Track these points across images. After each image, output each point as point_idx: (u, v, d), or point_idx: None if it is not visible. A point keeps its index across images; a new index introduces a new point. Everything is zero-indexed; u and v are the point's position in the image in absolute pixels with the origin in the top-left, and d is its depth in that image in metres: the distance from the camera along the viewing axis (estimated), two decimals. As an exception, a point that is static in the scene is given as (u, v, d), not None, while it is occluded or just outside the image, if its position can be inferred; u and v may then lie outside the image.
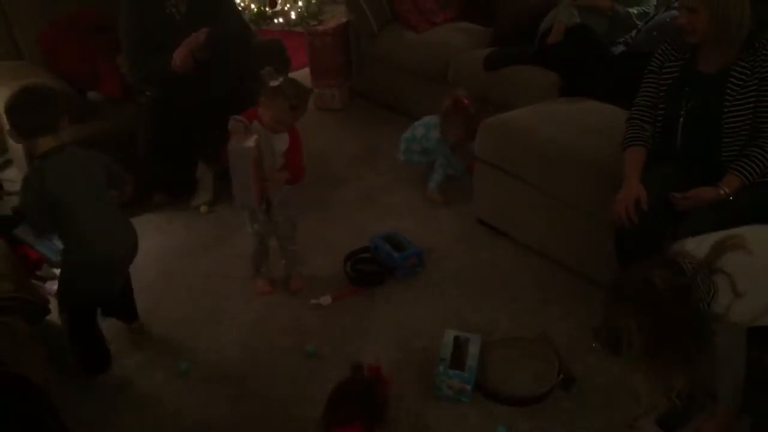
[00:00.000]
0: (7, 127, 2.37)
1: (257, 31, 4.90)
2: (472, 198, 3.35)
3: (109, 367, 2.55)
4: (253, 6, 5.49)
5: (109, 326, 2.67)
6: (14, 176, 3.81)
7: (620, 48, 3.58)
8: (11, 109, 2.31)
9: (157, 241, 3.28)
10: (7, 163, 3.99)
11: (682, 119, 2.43)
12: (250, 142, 2.54)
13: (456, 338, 2.48)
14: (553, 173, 2.88)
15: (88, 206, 2.35)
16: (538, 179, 2.95)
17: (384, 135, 4.31)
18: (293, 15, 5.56)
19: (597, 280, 2.82)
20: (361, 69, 4.76)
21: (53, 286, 2.97)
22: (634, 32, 3.59)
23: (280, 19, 5.54)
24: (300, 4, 5.50)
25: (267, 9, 5.43)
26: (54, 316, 2.53)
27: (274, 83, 2.61)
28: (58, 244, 3.16)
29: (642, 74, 3.11)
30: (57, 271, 3.09)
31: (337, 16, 4.96)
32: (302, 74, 4.73)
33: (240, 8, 4.39)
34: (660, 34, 3.35)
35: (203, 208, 3.58)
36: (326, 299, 2.86)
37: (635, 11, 3.74)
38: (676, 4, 3.35)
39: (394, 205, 3.56)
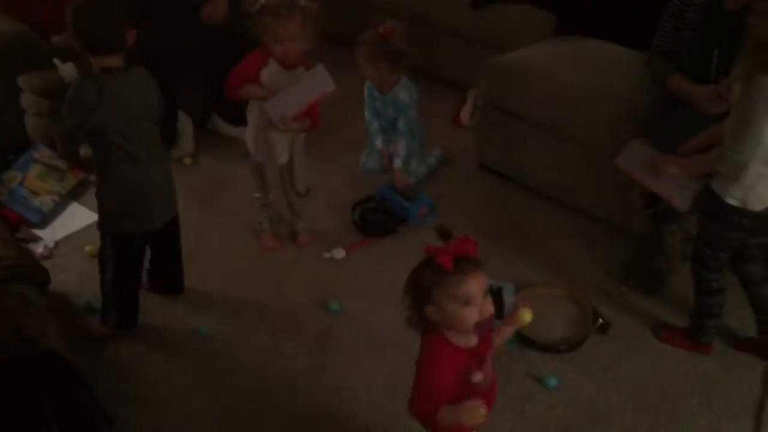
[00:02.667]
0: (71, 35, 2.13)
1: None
2: (476, 142, 3.26)
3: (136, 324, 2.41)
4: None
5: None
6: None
7: None
8: (84, 18, 2.07)
9: (143, 196, 3.07)
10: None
11: (715, 59, 2.39)
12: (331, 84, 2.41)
13: (489, 286, 2.41)
14: (566, 113, 2.83)
15: (140, 133, 2.18)
16: (550, 120, 2.89)
17: (361, 78, 4.15)
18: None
19: (613, 223, 2.82)
20: (333, 10, 4.52)
21: (38, 248, 2.77)
22: None
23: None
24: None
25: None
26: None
27: (256, 7, 2.41)
28: (35, 203, 2.97)
29: (640, 10, 3.11)
30: (38, 233, 2.89)
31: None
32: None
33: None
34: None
35: (187, 160, 3.37)
36: (339, 252, 2.76)
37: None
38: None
39: (388, 152, 3.43)
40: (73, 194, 3.09)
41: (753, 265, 2.26)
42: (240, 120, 2.79)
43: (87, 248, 2.76)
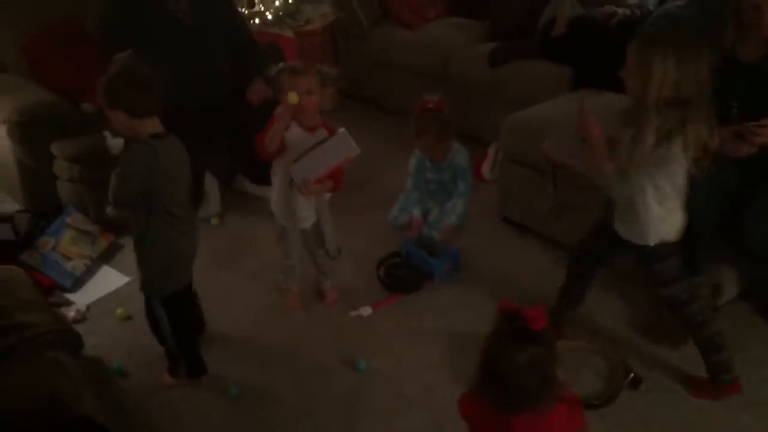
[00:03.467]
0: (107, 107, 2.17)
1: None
2: (497, 196, 3.29)
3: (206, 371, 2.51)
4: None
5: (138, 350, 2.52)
6: (2, 196, 3.59)
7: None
8: (125, 85, 2.14)
9: (171, 257, 3.12)
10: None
11: (734, 110, 2.41)
12: (356, 149, 2.46)
13: (516, 342, 2.42)
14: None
15: (181, 197, 2.27)
16: (570, 174, 2.91)
17: (381, 136, 4.23)
18: (269, 15, 5.40)
19: (636, 276, 2.81)
20: (350, 69, 4.65)
21: (70, 312, 2.81)
22: (637, 11, 3.58)
23: (257, 20, 5.37)
24: (277, 3, 5.34)
25: (244, 10, 5.26)
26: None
27: (273, 72, 2.50)
28: (67, 267, 3.03)
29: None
30: (70, 297, 2.95)
31: (322, 16, 4.84)
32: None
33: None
34: (669, 24, 3.36)
35: (214, 221, 3.43)
36: (366, 310, 2.78)
37: (632, 0, 3.75)
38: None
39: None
40: (104, 257, 3.16)
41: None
42: (265, 179, 2.84)
43: (118, 311, 2.81)
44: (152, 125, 2.20)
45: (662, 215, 2.13)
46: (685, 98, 1.97)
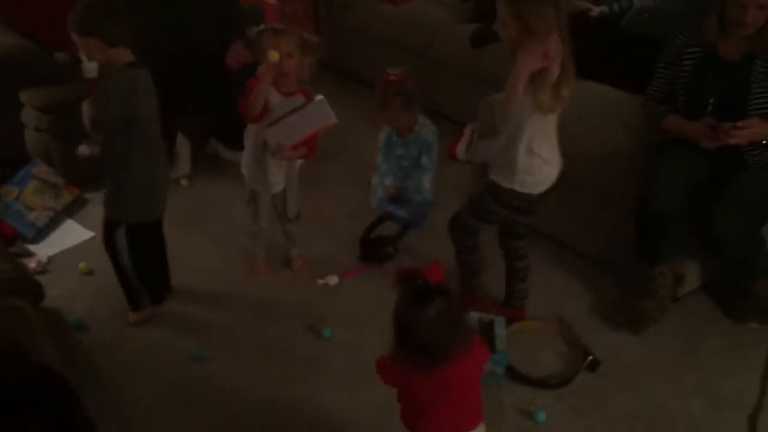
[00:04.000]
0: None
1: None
2: (469, 177, 3.30)
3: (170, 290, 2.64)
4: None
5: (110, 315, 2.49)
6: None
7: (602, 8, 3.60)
8: (102, 13, 2.18)
9: (138, 215, 3.08)
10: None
11: (710, 107, 2.44)
12: (332, 117, 2.47)
13: (480, 320, 2.44)
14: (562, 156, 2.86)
15: (154, 126, 2.34)
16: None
17: (358, 109, 4.18)
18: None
19: (603, 262, 2.86)
20: (331, 40, 4.60)
21: (31, 264, 2.76)
22: (616, 6, 3.60)
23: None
24: (260, -33, 5.29)
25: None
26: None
27: (253, 33, 2.48)
28: (30, 218, 2.97)
29: (636, 55, 3.19)
30: (32, 248, 2.89)
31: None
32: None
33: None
34: (651, 16, 3.38)
35: (184, 182, 3.40)
36: (333, 279, 2.77)
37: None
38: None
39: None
40: (68, 211, 3.11)
41: (519, 241, 2.53)
42: (239, 144, 2.81)
43: (81, 265, 2.77)
44: (126, 55, 2.22)
45: (528, 164, 2.23)
46: None
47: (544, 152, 2.25)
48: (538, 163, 2.25)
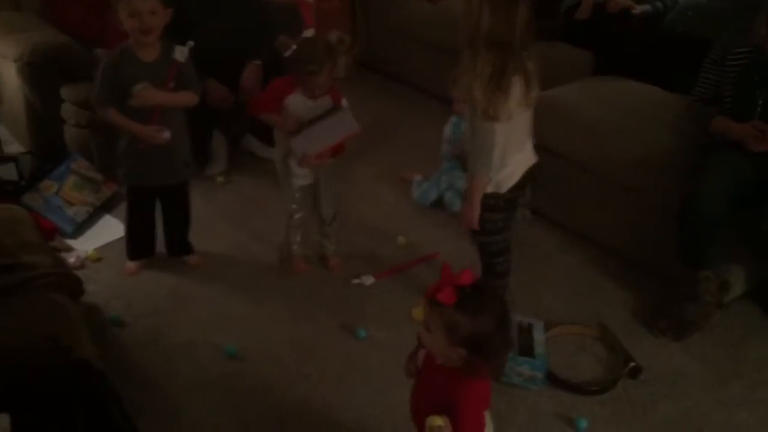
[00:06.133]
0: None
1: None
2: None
3: (152, 254, 2.76)
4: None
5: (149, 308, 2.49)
6: (7, 136, 3.54)
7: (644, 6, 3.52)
8: None
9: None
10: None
11: (759, 108, 2.38)
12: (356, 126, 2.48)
13: (519, 323, 2.40)
14: (601, 152, 2.82)
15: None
16: (585, 159, 2.89)
17: (394, 107, 4.20)
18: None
19: (644, 265, 2.80)
20: (368, 38, 4.60)
21: (70, 258, 2.78)
22: (659, 4, 3.53)
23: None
24: (297, -35, 5.28)
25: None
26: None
27: (288, 54, 2.48)
28: (69, 212, 2.99)
29: (680, 53, 3.13)
30: (71, 242, 2.92)
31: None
32: (305, 40, 4.54)
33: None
34: (696, 14, 3.32)
35: (220, 179, 3.40)
36: (369, 278, 2.75)
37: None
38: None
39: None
40: (107, 206, 3.12)
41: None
42: (273, 141, 2.81)
43: (90, 252, 2.84)
44: None
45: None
46: (501, 45, 1.99)
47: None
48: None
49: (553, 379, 2.29)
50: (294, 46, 2.50)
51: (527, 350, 2.29)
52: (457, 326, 1.46)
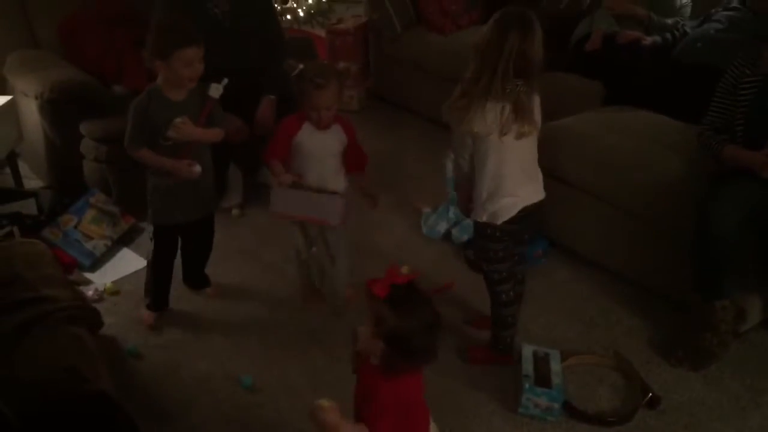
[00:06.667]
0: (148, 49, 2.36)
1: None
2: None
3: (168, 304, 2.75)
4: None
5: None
6: (27, 171, 3.60)
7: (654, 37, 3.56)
8: (168, 26, 2.36)
9: (191, 244, 3.12)
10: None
11: (772, 136, 2.39)
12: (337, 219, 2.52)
13: (535, 353, 2.40)
14: (613, 181, 2.83)
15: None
16: (597, 187, 2.90)
17: (407, 138, 4.24)
18: (301, 12, 5.41)
19: (659, 293, 2.79)
20: (381, 70, 4.66)
21: (88, 292, 2.81)
22: (668, 35, 3.56)
23: (288, 16, 5.39)
24: (310, 1, 5.36)
25: (277, 5, 5.27)
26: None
27: (295, 72, 2.50)
28: (88, 246, 3.03)
29: (689, 84, 3.15)
30: (89, 276, 2.95)
31: (354, 16, 4.84)
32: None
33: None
34: (704, 45, 3.34)
35: (235, 212, 3.43)
36: (384, 309, 2.75)
37: (670, 21, 3.73)
38: (715, 17, 3.39)
39: (433, 211, 3.45)
40: (124, 240, 3.16)
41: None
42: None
43: (107, 285, 2.86)
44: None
45: (482, 194, 2.23)
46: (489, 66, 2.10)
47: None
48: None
49: (570, 410, 2.28)
50: (301, 65, 2.53)
51: (544, 381, 2.29)
52: (383, 319, 1.58)
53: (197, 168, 2.45)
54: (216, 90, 2.45)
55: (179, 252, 2.72)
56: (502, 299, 2.40)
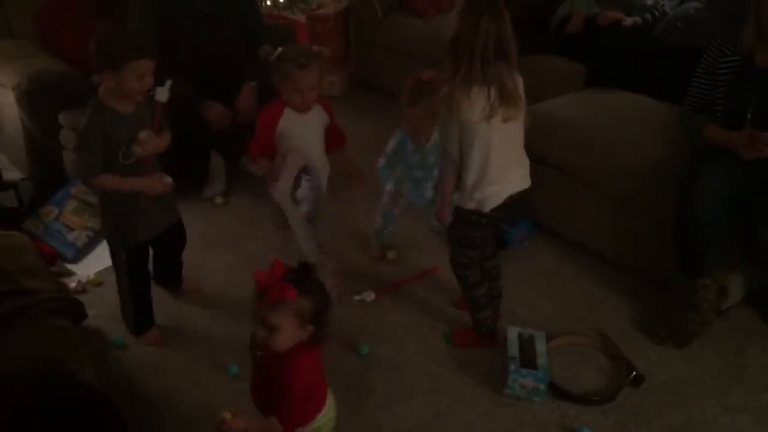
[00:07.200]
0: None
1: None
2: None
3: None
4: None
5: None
6: (6, 163, 3.56)
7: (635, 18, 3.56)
8: (122, 36, 2.21)
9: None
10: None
11: (750, 115, 2.40)
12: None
13: (520, 335, 2.41)
14: (595, 163, 2.85)
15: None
16: (579, 169, 2.91)
17: (389, 124, 4.14)
18: (281, -1, 5.39)
19: (642, 273, 2.82)
20: (362, 56, 4.64)
21: (71, 283, 2.79)
22: (648, 15, 3.57)
23: (268, 2, 5.35)
24: (289, -13, 5.33)
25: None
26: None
27: (273, 57, 2.48)
28: (69, 237, 3.01)
29: (670, 64, 3.16)
30: (71, 267, 2.93)
31: (334, 1, 4.81)
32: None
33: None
34: (684, 25, 3.35)
35: (218, 200, 3.42)
36: (369, 295, 2.76)
37: (650, 1, 3.73)
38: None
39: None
40: (106, 230, 3.14)
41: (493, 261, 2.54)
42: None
43: (90, 276, 2.84)
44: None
45: (468, 181, 2.21)
46: (465, 53, 2.07)
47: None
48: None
49: (555, 390, 2.30)
50: (279, 49, 2.51)
51: (530, 362, 2.30)
52: (304, 310, 1.64)
53: (168, 179, 2.31)
54: (162, 94, 2.26)
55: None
56: (470, 281, 2.41)
